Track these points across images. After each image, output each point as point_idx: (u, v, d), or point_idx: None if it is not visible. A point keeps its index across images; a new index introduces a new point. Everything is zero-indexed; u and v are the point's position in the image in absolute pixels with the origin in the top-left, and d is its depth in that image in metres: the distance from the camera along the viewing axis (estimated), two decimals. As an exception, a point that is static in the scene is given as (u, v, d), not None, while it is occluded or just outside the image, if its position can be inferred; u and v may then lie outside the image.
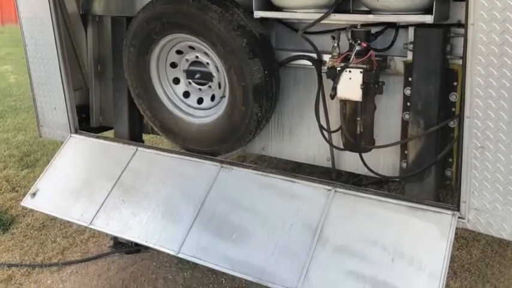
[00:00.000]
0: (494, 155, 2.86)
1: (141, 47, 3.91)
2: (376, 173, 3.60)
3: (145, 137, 4.80)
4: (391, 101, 3.48)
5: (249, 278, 3.21)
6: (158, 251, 3.73)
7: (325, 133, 3.69)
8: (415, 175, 3.33)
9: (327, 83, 3.46)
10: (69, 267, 4.73)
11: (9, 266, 4.73)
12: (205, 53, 3.82)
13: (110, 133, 4.82)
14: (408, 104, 3.33)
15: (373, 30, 3.37)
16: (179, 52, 3.96)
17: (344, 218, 3.23)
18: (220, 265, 3.31)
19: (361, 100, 3.27)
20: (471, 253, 4.74)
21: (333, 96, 3.35)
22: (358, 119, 3.37)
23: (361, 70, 3.20)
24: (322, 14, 3.30)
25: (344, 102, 3.38)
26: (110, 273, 4.64)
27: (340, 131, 3.56)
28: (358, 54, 3.21)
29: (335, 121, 3.63)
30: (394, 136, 3.48)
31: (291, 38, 3.76)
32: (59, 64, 4.38)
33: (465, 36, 2.82)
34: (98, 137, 4.46)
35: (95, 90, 4.85)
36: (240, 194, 3.55)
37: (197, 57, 3.90)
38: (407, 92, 3.33)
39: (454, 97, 3.24)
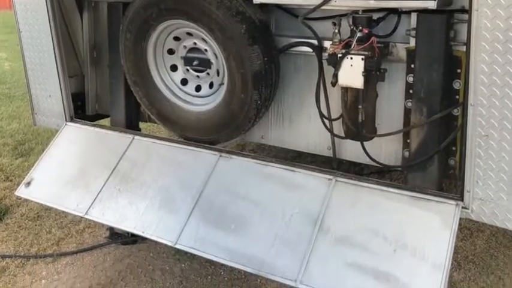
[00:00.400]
0: (499, 144, 2.83)
1: (138, 33, 3.85)
2: (378, 162, 3.57)
3: (142, 125, 4.77)
4: (394, 88, 3.44)
5: (248, 270, 3.17)
6: (155, 242, 3.68)
7: (326, 121, 3.66)
8: (417, 164, 3.30)
9: (328, 70, 3.43)
10: (64, 259, 4.69)
11: (3, 257, 4.69)
12: (204, 40, 3.77)
13: (106, 121, 4.78)
14: (411, 91, 3.30)
15: (375, 16, 3.32)
16: (177, 38, 3.91)
17: (345, 208, 3.19)
18: (218, 256, 3.27)
19: (362, 87, 3.24)
20: (475, 244, 4.72)
21: (334, 84, 3.31)
22: (360, 107, 3.34)
23: (363, 57, 3.17)
24: (323, 0, 3.23)
25: (345, 89, 3.35)
26: (106, 265, 4.61)
27: (341, 119, 3.53)
28: (360, 41, 3.18)
29: (336, 109, 3.59)
30: (397, 124, 3.44)
31: (291, 24, 3.72)
32: (54, 51, 4.33)
33: (469, 22, 2.79)
34: (93, 125, 4.41)
35: (90, 78, 4.82)
36: (239, 183, 3.51)
37: (195, 43, 3.85)
38: (410, 79, 3.30)
39: (457, 84, 3.21)
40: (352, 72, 3.20)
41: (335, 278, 2.97)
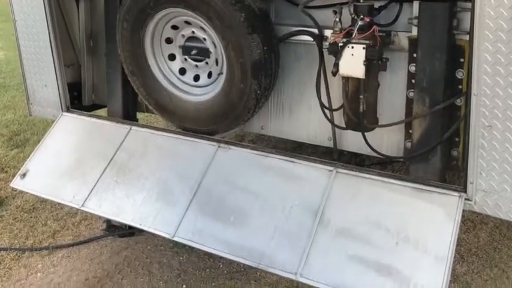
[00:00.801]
0: (503, 134, 2.80)
1: (135, 22, 3.80)
2: (379, 153, 3.54)
3: (139, 115, 4.73)
4: (395, 78, 3.40)
5: (248, 263, 3.15)
6: (153, 234, 3.68)
7: (327, 111, 3.63)
8: (420, 155, 3.27)
9: (329, 60, 3.40)
10: (60, 251, 4.68)
11: (-2, 249, 4.67)
12: (202, 28, 3.72)
13: (102, 111, 4.76)
14: (413, 81, 3.27)
15: (377, 4, 3.28)
16: (175, 27, 3.86)
17: (346, 200, 3.16)
18: (217, 249, 3.24)
19: (364, 77, 3.22)
20: (478, 236, 4.69)
21: (334, 73, 3.28)
22: (361, 96, 3.31)
23: (364, 46, 3.13)
24: (323, -12, 3.21)
25: (346, 79, 3.33)
26: (103, 257, 4.59)
27: (342, 110, 3.51)
28: (361, 30, 3.15)
29: (337, 99, 3.56)
30: (398, 115, 3.41)
31: (291, 13, 3.67)
32: (50, 40, 4.30)
33: (472, 10, 2.76)
34: (90, 116, 4.39)
35: (87, 67, 4.78)
36: (238, 175, 3.48)
37: (193, 32, 3.80)
38: (412, 68, 3.27)
39: (460, 74, 3.17)
40: (353, 61, 3.17)
41: (336, 271, 2.94)
